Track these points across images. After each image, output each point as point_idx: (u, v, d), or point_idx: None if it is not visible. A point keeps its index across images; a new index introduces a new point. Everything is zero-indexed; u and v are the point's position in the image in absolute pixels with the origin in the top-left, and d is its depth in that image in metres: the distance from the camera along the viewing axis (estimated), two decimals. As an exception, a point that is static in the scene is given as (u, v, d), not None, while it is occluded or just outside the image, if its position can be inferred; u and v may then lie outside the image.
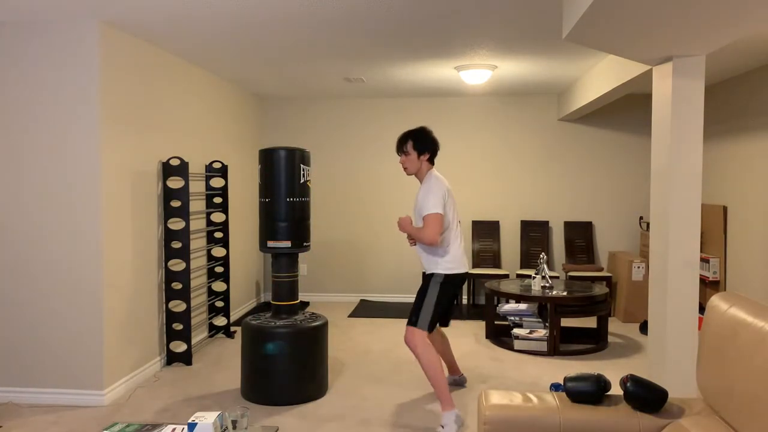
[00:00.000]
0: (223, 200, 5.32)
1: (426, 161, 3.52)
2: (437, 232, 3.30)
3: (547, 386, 4.09)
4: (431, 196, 3.35)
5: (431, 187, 3.39)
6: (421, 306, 3.47)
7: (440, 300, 3.47)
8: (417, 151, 3.49)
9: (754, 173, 5.02)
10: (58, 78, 3.72)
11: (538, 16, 3.65)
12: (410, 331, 3.45)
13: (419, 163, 3.51)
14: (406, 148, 3.51)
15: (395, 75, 5.54)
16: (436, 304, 3.46)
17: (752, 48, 4.24)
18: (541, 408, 2.07)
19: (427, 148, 3.51)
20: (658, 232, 3.49)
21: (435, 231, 3.30)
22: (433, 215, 3.32)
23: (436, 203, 3.34)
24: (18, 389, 3.83)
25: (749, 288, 5.06)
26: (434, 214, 3.32)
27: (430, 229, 3.30)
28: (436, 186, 3.39)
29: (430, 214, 3.32)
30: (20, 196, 3.78)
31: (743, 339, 1.76)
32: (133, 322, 4.13)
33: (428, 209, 3.34)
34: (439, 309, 3.48)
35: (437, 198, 3.35)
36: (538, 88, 6.26)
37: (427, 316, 3.45)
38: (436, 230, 3.30)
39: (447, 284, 3.50)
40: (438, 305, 3.47)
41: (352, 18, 3.69)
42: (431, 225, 3.31)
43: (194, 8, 3.48)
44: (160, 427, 2.36)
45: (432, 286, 3.48)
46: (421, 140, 3.49)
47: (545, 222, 6.73)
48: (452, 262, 3.49)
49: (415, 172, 3.54)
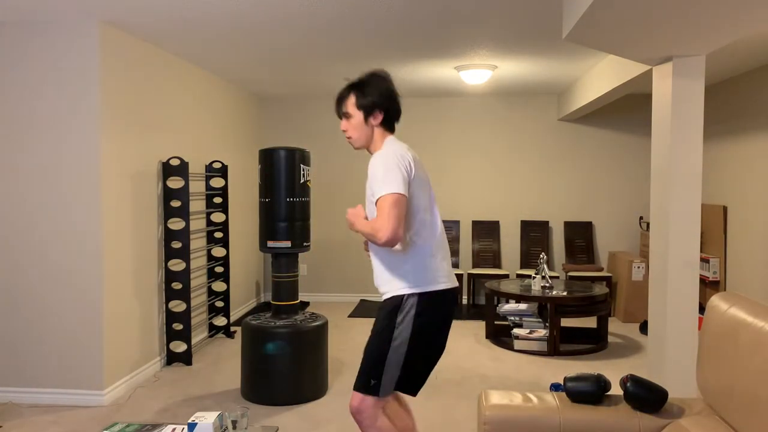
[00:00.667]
0: (223, 200, 5.32)
1: (378, 126, 2.28)
2: (397, 223, 2.05)
3: (547, 386, 4.09)
4: (385, 171, 2.12)
5: (386, 158, 2.16)
6: (378, 357, 2.17)
7: (414, 344, 2.16)
8: (363, 111, 2.26)
9: (754, 173, 5.02)
10: (58, 78, 3.72)
11: (538, 16, 3.65)
12: (357, 398, 2.20)
13: (368, 129, 2.28)
14: (346, 106, 2.29)
15: (395, 75, 5.54)
16: (408, 353, 2.16)
17: (752, 48, 4.24)
18: (541, 408, 2.07)
19: (380, 104, 2.25)
20: (658, 232, 3.49)
21: (393, 222, 2.04)
22: (389, 197, 2.07)
23: (394, 180, 2.09)
24: (18, 389, 3.83)
25: (749, 288, 5.06)
26: (391, 196, 2.07)
27: (384, 219, 2.05)
28: (393, 154, 2.17)
29: (384, 197, 2.08)
30: (20, 196, 3.78)
31: (743, 339, 1.76)
32: (133, 322, 4.13)
33: (382, 189, 2.10)
34: (412, 359, 2.17)
35: (395, 172, 2.11)
36: (538, 88, 6.25)
37: (390, 375, 2.17)
38: (394, 221, 2.04)
39: (426, 313, 2.17)
40: (411, 354, 2.16)
41: (352, 18, 3.69)
42: (387, 213, 2.06)
43: (194, 8, 3.48)
44: (160, 427, 2.36)
45: (400, 322, 2.16)
46: (369, 93, 2.25)
47: (545, 222, 6.73)
48: (428, 271, 2.19)
49: (365, 144, 2.31)
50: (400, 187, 2.08)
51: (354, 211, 2.23)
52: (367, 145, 2.30)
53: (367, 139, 2.29)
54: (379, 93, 2.25)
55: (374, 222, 2.09)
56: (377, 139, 2.28)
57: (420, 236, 2.20)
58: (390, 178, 2.09)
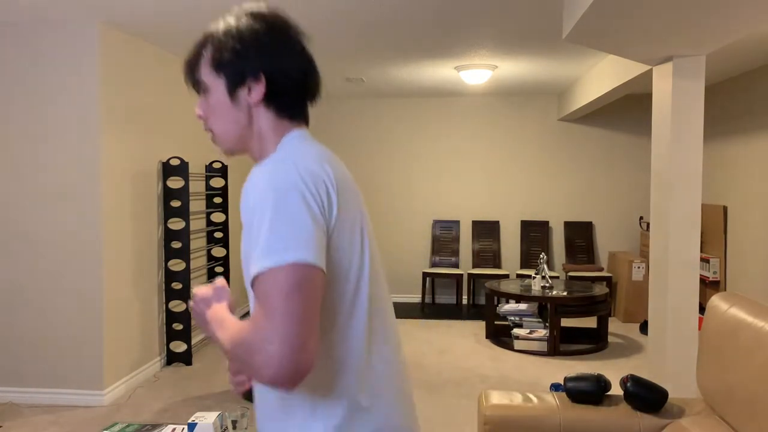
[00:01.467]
0: (223, 200, 5.32)
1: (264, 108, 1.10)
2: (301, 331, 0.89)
3: (547, 386, 4.09)
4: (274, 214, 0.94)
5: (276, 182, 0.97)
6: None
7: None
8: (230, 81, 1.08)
9: (754, 173, 5.02)
10: (58, 78, 3.72)
11: (538, 16, 3.65)
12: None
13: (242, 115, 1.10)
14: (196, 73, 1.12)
15: (395, 75, 5.54)
16: None
17: (752, 48, 4.24)
18: (541, 408, 2.07)
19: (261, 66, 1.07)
20: (658, 232, 3.49)
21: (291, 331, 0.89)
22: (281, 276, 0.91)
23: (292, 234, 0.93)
24: (18, 389, 3.83)
25: (749, 288, 5.06)
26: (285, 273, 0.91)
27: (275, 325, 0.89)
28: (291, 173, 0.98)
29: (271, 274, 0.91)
30: (20, 196, 3.78)
31: (743, 339, 1.76)
32: (133, 322, 4.13)
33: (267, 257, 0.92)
34: None
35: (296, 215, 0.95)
36: (538, 88, 6.25)
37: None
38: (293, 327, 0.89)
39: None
40: None
41: (352, 18, 3.69)
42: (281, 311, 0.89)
43: (194, 9, 3.48)
44: (160, 427, 2.36)
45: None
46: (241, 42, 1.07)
47: (545, 222, 6.73)
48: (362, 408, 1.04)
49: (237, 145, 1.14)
50: (309, 250, 0.94)
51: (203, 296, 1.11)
52: (244, 146, 1.14)
53: (241, 135, 1.12)
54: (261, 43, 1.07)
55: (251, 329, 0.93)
56: (266, 136, 1.11)
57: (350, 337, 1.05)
58: (284, 232, 0.93)
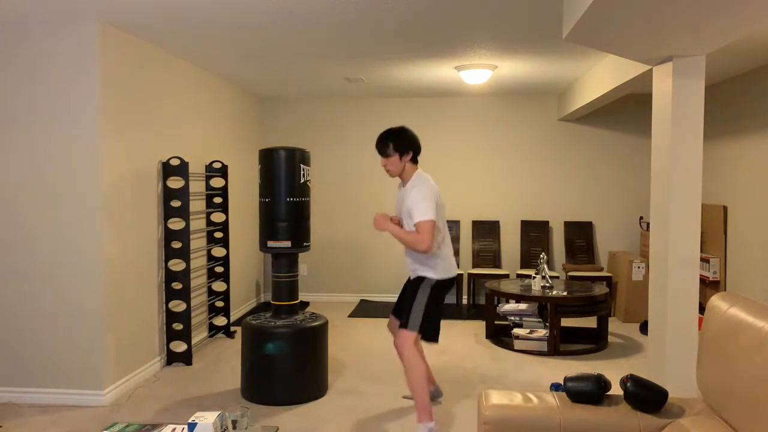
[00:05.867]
0: (223, 200, 5.32)
1: (409, 161, 3.38)
2: (431, 239, 3.15)
3: (547, 386, 4.09)
4: (424, 202, 3.19)
5: (423, 191, 3.23)
6: (411, 309, 3.36)
7: (429, 304, 3.36)
8: (399, 153, 3.35)
9: (754, 173, 5.02)
10: (57, 78, 3.72)
11: (538, 16, 3.65)
12: (402, 334, 3.34)
13: (402, 165, 3.38)
14: (387, 150, 3.37)
15: (395, 75, 5.54)
16: (426, 308, 3.36)
17: (752, 48, 4.24)
18: (541, 408, 2.07)
19: (409, 148, 3.36)
20: (658, 232, 3.49)
21: (430, 239, 3.14)
22: (427, 222, 3.15)
23: (429, 209, 3.18)
24: (18, 389, 3.83)
25: (749, 288, 5.06)
26: (428, 221, 3.15)
27: (425, 237, 3.14)
28: (427, 189, 3.25)
29: (424, 222, 3.15)
30: (20, 196, 3.78)
31: (743, 339, 1.76)
32: (133, 321, 4.13)
33: (421, 215, 3.17)
34: (427, 313, 3.37)
35: (430, 203, 3.19)
36: (538, 88, 6.26)
37: (416, 319, 3.33)
38: (431, 238, 3.14)
39: (437, 288, 3.39)
40: (428, 308, 3.37)
41: (352, 18, 3.69)
42: (426, 233, 3.14)
43: (194, 8, 3.48)
44: (160, 427, 2.36)
45: (422, 290, 3.36)
46: (401, 141, 3.35)
47: (545, 222, 6.73)
48: (444, 267, 3.39)
49: (398, 174, 3.41)
50: (433, 215, 3.18)
51: (381, 218, 3.32)
52: (400, 174, 3.41)
53: (401, 171, 3.40)
54: (409, 140, 3.37)
55: (415, 236, 3.18)
56: (408, 171, 3.40)
57: (438, 245, 3.36)
58: (427, 208, 3.18)
